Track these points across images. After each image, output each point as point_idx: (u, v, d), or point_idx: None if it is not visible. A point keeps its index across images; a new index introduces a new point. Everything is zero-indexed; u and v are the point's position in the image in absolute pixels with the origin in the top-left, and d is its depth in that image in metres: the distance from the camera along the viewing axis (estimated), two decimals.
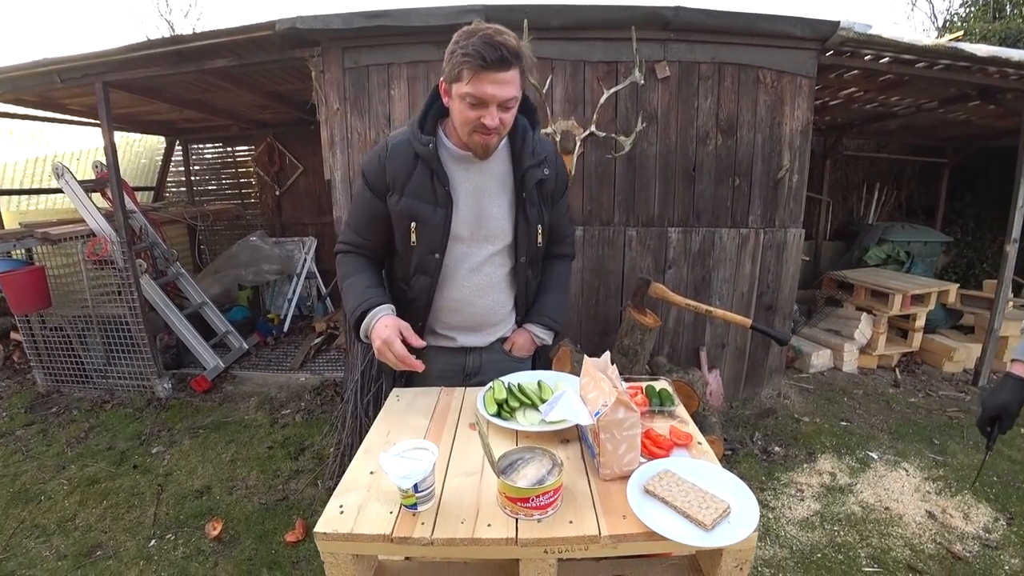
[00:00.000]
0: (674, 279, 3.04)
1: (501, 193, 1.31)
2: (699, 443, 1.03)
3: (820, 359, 4.05)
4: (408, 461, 0.82)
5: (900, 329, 4.28)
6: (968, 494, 2.50)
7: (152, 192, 5.67)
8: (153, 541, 2.24)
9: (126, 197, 3.81)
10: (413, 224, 1.27)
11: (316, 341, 4.22)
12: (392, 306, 1.26)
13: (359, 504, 0.88)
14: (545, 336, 1.47)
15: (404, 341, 1.18)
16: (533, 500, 0.80)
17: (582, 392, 1.03)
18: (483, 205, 1.30)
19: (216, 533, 2.24)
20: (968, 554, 2.13)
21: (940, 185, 6.08)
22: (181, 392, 3.65)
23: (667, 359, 3.09)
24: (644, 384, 1.23)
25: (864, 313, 4.14)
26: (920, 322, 4.07)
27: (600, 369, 0.99)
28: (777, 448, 2.96)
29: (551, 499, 0.82)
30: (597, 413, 0.87)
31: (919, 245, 5.23)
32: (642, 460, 0.93)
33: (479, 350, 1.43)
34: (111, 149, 3.27)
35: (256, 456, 2.86)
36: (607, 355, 0.98)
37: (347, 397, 2.74)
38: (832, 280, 4.77)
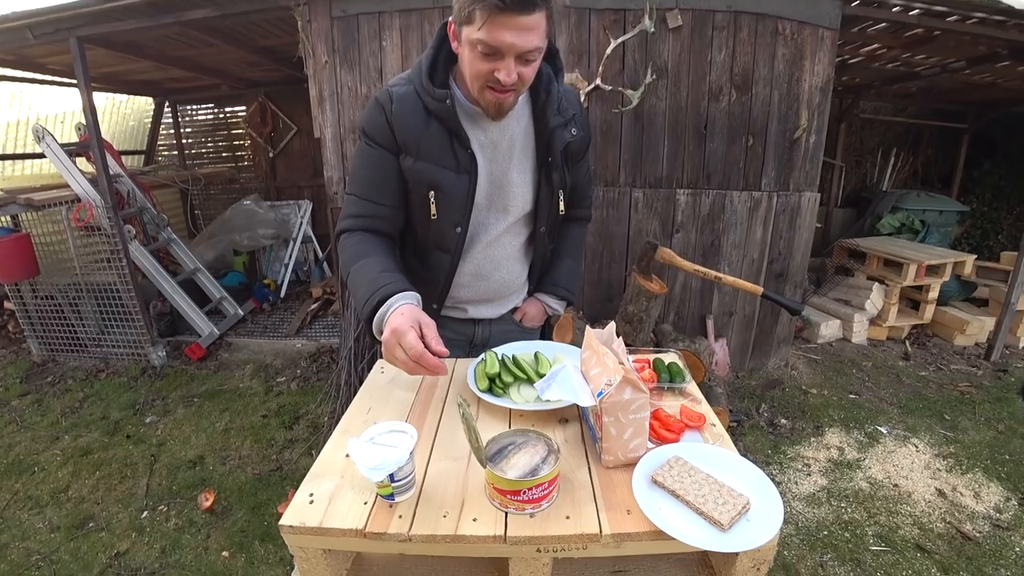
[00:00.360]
0: (681, 243, 2.90)
1: (522, 157, 1.15)
2: (712, 425, 0.92)
3: (829, 329, 3.95)
4: (381, 448, 0.71)
5: (911, 300, 4.16)
6: (979, 472, 2.42)
7: (142, 156, 5.50)
8: (145, 512, 2.21)
9: (111, 160, 3.68)
10: (432, 194, 1.09)
11: (313, 307, 4.14)
12: (417, 295, 1.00)
13: (331, 493, 0.79)
14: (557, 306, 1.36)
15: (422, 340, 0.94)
16: (525, 493, 0.70)
17: (583, 367, 0.92)
18: (502, 170, 1.13)
19: (208, 504, 2.20)
20: (978, 534, 2.07)
21: (958, 152, 5.84)
22: (176, 360, 3.59)
23: (673, 327, 2.99)
24: (652, 357, 1.12)
25: (876, 283, 4.02)
26: (934, 294, 3.95)
27: (604, 342, 0.88)
28: (784, 420, 2.89)
29: (546, 491, 0.72)
30: (600, 393, 0.76)
31: (934, 214, 5.05)
32: (650, 445, 0.82)
33: (488, 321, 1.32)
34: (90, 109, 3.11)
35: (250, 425, 2.81)
36: (612, 326, 0.86)
37: (341, 364, 2.66)
38: (843, 248, 4.62)
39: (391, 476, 0.72)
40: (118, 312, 3.45)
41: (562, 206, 1.22)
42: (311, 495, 0.79)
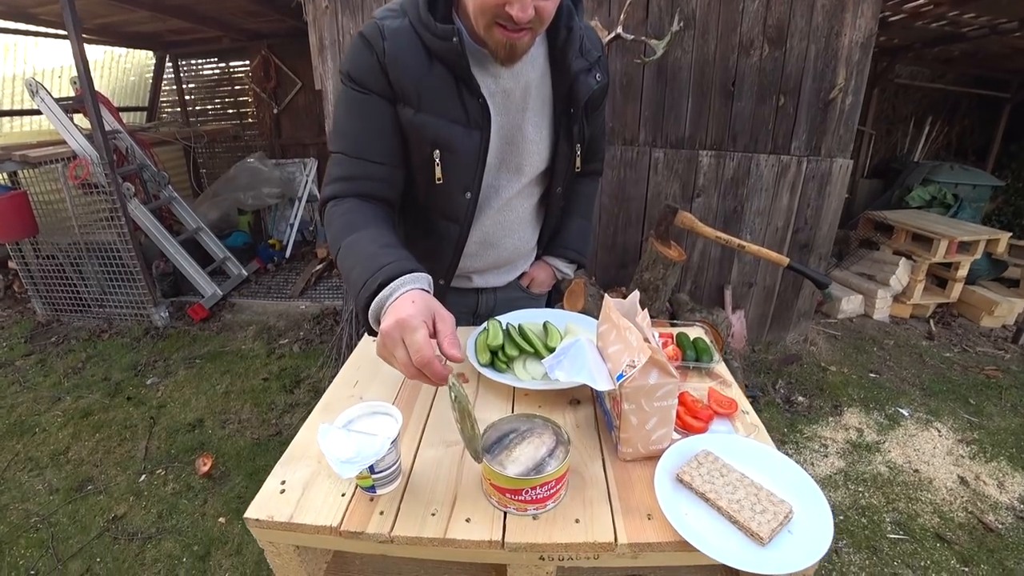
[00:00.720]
0: (702, 209, 2.73)
1: (538, 108, 0.99)
2: (745, 412, 0.81)
3: (850, 305, 3.79)
4: (357, 437, 0.60)
5: (937, 278, 3.96)
6: (1004, 461, 2.30)
7: (144, 112, 5.34)
8: (143, 476, 2.17)
9: (108, 116, 3.55)
10: (437, 153, 0.92)
11: (318, 267, 4.05)
12: (429, 278, 0.77)
13: (306, 481, 0.69)
14: (567, 270, 1.24)
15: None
16: (527, 492, 0.59)
17: (600, 342, 0.79)
18: (515, 125, 0.97)
19: (206, 469, 2.16)
20: (1000, 526, 1.96)
21: (997, 124, 5.50)
22: (179, 321, 3.54)
23: (689, 297, 2.85)
24: (675, 331, 1.00)
25: (903, 258, 3.83)
26: (963, 271, 3.75)
27: (626, 314, 0.75)
28: (801, 398, 2.78)
29: (552, 490, 0.61)
30: (620, 376, 0.64)
31: (967, 188, 4.79)
32: (675, 436, 0.71)
33: (493, 289, 1.19)
34: (81, 59, 2.95)
35: (251, 388, 2.76)
36: (636, 296, 0.73)
37: (343, 327, 2.58)
38: (870, 220, 4.41)
39: (370, 467, 0.61)
40: (120, 272, 3.38)
41: (578, 162, 1.07)
42: (283, 483, 0.69)
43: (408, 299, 0.69)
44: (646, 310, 0.72)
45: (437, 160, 0.93)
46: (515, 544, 0.59)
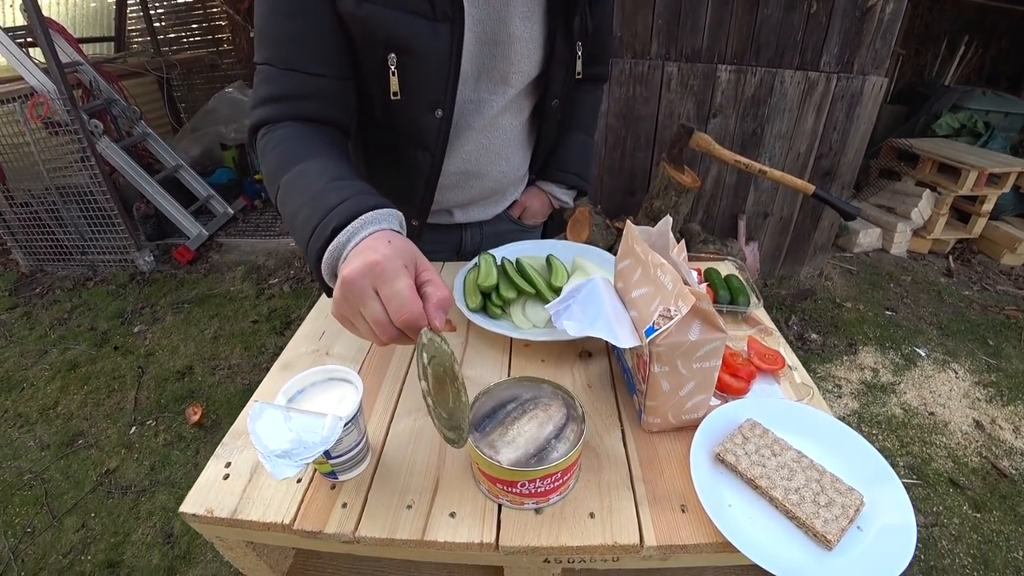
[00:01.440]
0: (718, 130, 2.49)
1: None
2: (793, 369, 0.66)
3: (867, 238, 3.61)
4: (300, 419, 0.45)
5: (959, 211, 3.74)
6: (1021, 405, 2.21)
7: (112, 43, 4.94)
8: (134, 428, 2.11)
9: (66, 46, 3.23)
10: (392, 58, 0.71)
11: None
12: (400, 215, 0.59)
13: (254, 465, 0.56)
14: (566, 198, 1.04)
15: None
16: (525, 485, 0.46)
17: (620, 283, 0.62)
18: (499, 20, 0.76)
19: (197, 418, 2.08)
20: (1014, 471, 1.90)
21: None
22: (165, 264, 3.40)
23: (701, 227, 2.67)
24: (702, 266, 0.84)
25: (927, 190, 3.60)
26: (988, 206, 3.54)
27: (656, 246, 0.57)
28: (814, 335, 2.66)
29: (557, 483, 0.47)
30: (652, 330, 0.49)
31: (999, 116, 4.45)
32: (713, 402, 0.56)
33: (479, 223, 1.00)
34: None
35: (240, 332, 2.66)
36: (667, 222, 0.56)
37: None
38: (893, 148, 4.13)
39: (326, 453, 0.47)
40: (99, 217, 3.20)
41: (579, 66, 0.86)
42: (227, 466, 0.56)
43: (381, 238, 0.52)
44: (683, 241, 0.55)
45: (392, 68, 0.71)
46: (512, 547, 0.46)
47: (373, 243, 0.51)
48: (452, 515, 0.49)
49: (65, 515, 1.76)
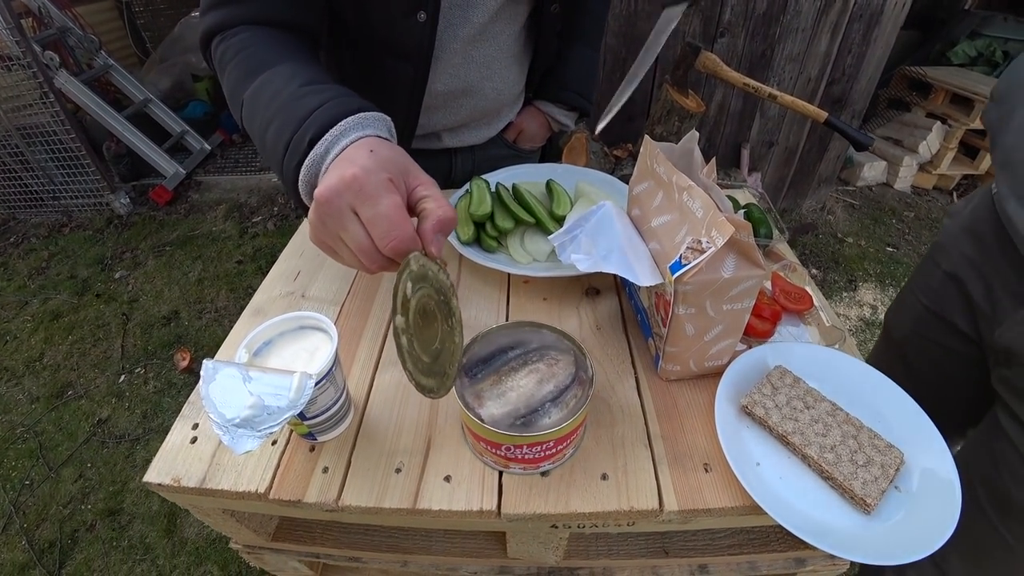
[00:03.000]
0: (725, 51, 2.32)
1: None
2: (821, 310, 0.60)
3: (872, 172, 3.51)
4: (262, 378, 0.38)
5: (967, 146, 3.60)
6: None
7: None
8: (123, 376, 2.07)
9: None
10: None
11: None
12: (388, 120, 0.52)
13: None
14: (567, 120, 0.94)
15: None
16: (512, 449, 0.40)
17: (636, 210, 0.53)
18: None
19: (186, 364, 2.04)
20: None
21: None
22: (143, 207, 3.26)
23: (702, 155, 2.56)
24: None
25: (937, 122, 3.45)
26: None
27: (679, 165, 0.48)
28: (815, 270, 2.62)
29: (551, 450, 0.41)
30: (677, 265, 0.41)
31: (1020, 45, 4.19)
32: (739, 347, 0.50)
33: (471, 148, 0.90)
34: None
35: (225, 273, 2.58)
36: (693, 137, 0.47)
37: None
38: (904, 77, 3.91)
39: (300, 415, 0.41)
40: (67, 158, 3.03)
41: None
42: (194, 428, 0.50)
43: (363, 147, 0.43)
44: (712, 160, 0.46)
45: None
46: (516, 515, 0.41)
47: (353, 154, 0.42)
48: (447, 479, 0.43)
49: (62, 466, 1.75)
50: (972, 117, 3.30)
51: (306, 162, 0.46)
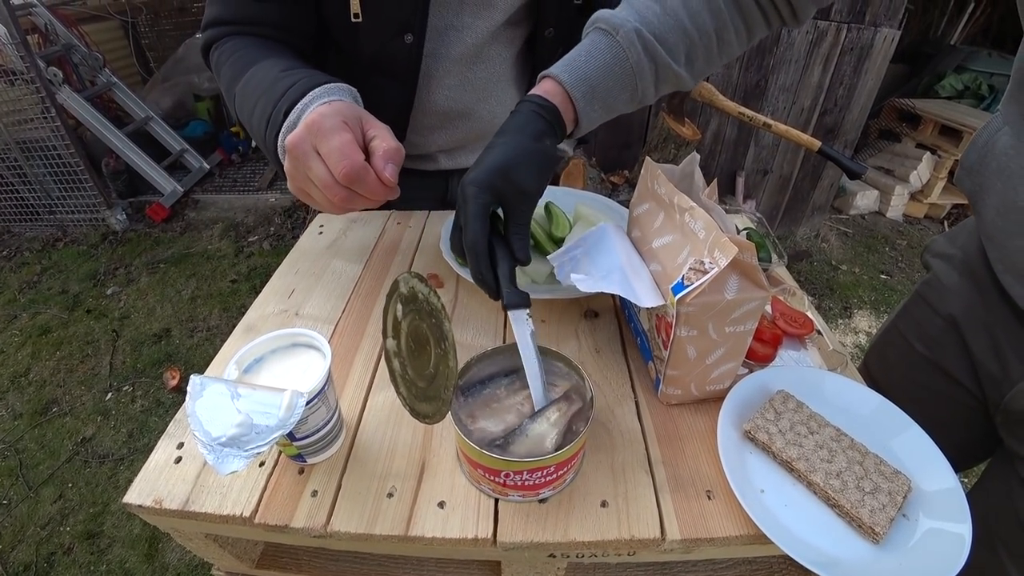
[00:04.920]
0: (720, 81, 2.37)
1: None
2: (819, 333, 0.59)
3: (865, 200, 3.56)
4: (251, 396, 0.37)
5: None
6: None
7: None
8: (110, 394, 2.03)
9: None
10: None
11: None
12: (354, 91, 0.59)
13: None
14: (564, 145, 0.94)
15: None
16: (525, 475, 0.38)
17: (637, 231, 0.53)
18: None
19: (175, 382, 2.01)
20: None
21: None
22: (138, 223, 3.25)
23: None
24: None
25: (927, 153, 3.52)
26: None
27: (681, 186, 0.48)
28: (810, 298, 2.62)
29: (552, 476, 0.40)
30: (680, 286, 0.41)
31: (1004, 79, 4.33)
32: (740, 371, 0.49)
33: (466, 170, 0.90)
34: None
35: (219, 292, 2.56)
36: (694, 159, 0.48)
37: (309, 219, 2.33)
38: (894, 108, 4.01)
39: (290, 435, 0.39)
40: (65, 173, 3.04)
41: None
42: (179, 447, 0.48)
43: (325, 108, 0.49)
44: (714, 182, 0.46)
45: None
46: (513, 543, 0.39)
47: (314, 113, 0.49)
48: (441, 504, 0.41)
49: (42, 486, 1.70)
50: (960, 148, 3.37)
51: (282, 131, 0.52)
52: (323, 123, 0.46)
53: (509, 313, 0.44)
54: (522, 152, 0.47)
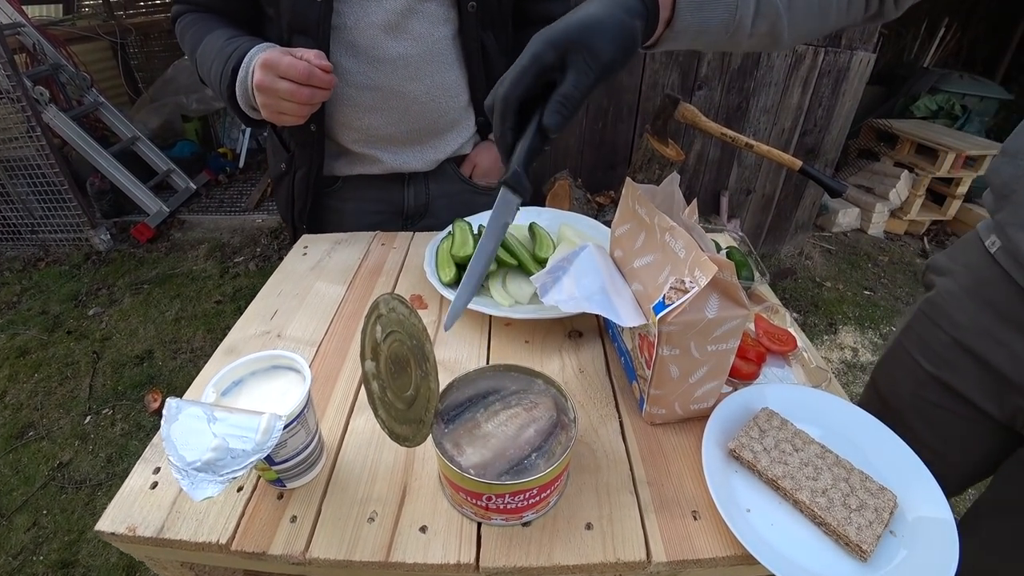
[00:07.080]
0: (703, 103, 2.42)
1: None
2: (804, 350, 0.60)
3: (846, 218, 3.63)
4: (228, 419, 0.36)
5: (935, 193, 3.78)
6: None
7: (60, 5, 4.60)
8: (89, 417, 1.97)
9: (6, 6, 2.99)
10: None
11: None
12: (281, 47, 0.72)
13: None
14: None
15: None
16: (493, 499, 0.38)
17: (618, 251, 0.54)
18: None
19: (156, 405, 1.96)
20: None
21: (1014, 30, 5.07)
22: (123, 243, 3.21)
23: None
24: None
25: (905, 171, 3.62)
26: (964, 188, 3.60)
27: (661, 207, 0.49)
28: (795, 314, 2.65)
29: (535, 499, 0.39)
30: (661, 306, 0.41)
31: (975, 100, 4.50)
32: (724, 389, 0.49)
33: (422, 177, 0.89)
34: None
35: (203, 313, 2.52)
36: (675, 179, 0.48)
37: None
38: (872, 129, 4.13)
39: (268, 459, 0.39)
40: (49, 192, 3.00)
41: None
42: (155, 472, 0.47)
43: (263, 53, 0.68)
44: (694, 202, 0.47)
45: None
46: (496, 568, 0.38)
47: (261, 56, 0.67)
48: (423, 529, 0.41)
49: (15, 513, 1.64)
50: (937, 166, 3.47)
51: (236, 85, 0.71)
52: (271, 57, 0.65)
53: (501, 191, 0.42)
54: (610, 19, 0.42)
